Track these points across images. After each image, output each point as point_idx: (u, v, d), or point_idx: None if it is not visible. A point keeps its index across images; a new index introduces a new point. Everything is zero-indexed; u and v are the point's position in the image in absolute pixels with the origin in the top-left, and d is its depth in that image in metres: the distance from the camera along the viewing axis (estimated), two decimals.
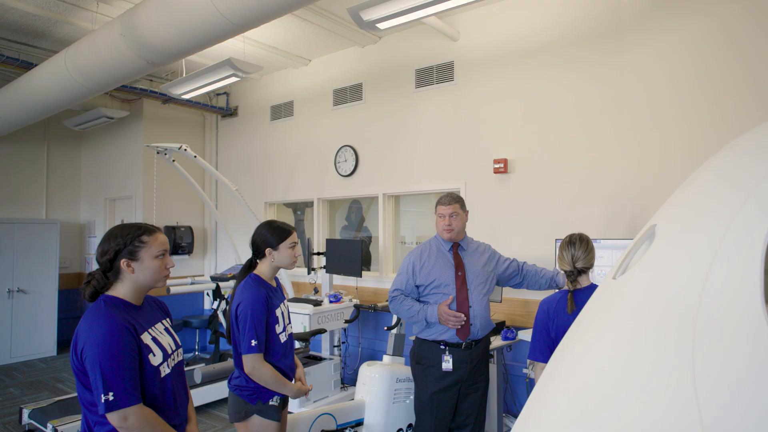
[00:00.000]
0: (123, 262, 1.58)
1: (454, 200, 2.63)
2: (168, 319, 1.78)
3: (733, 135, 2.60)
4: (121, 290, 1.60)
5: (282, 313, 2.18)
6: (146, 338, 1.57)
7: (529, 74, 3.76)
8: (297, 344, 3.36)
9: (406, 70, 4.48)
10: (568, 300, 2.21)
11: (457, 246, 2.69)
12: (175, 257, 5.98)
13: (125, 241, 1.59)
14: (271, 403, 2.11)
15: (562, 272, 2.88)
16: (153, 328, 1.64)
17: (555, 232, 3.43)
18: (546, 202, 3.64)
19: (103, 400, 1.44)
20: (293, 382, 2.22)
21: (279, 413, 2.14)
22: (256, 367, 2.03)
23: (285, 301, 2.26)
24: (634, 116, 3.25)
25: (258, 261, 2.20)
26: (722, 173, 0.96)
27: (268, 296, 2.11)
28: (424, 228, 4.75)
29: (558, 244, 3.23)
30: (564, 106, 3.59)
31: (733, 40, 2.74)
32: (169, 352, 1.66)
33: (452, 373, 2.53)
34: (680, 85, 2.93)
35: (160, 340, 1.63)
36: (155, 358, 1.58)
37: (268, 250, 2.15)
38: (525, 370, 3.53)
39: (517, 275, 2.82)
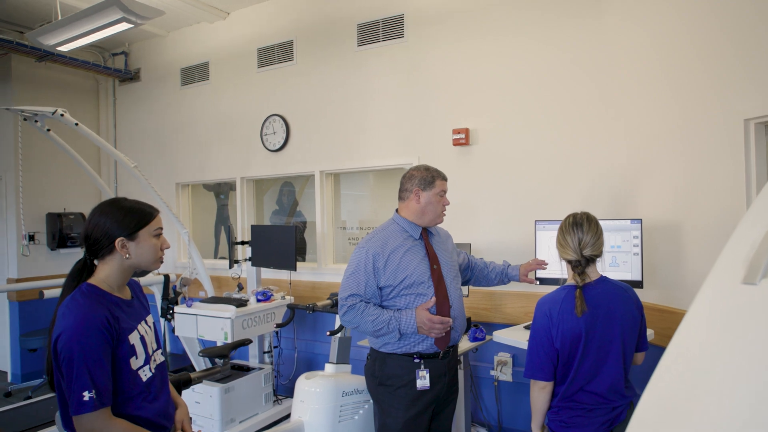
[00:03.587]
0: None
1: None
2: None
3: (723, 104, 2.26)
4: None
5: (142, 339, 1.45)
6: None
7: (493, 32, 3.24)
8: (217, 361, 2.64)
9: (346, 25, 3.83)
10: (576, 298, 1.72)
11: (425, 232, 2.12)
12: (63, 250, 4.92)
13: None
14: None
15: (514, 265, 2.33)
16: None
17: (533, 212, 2.95)
18: (518, 178, 3.15)
19: None
20: (171, 429, 1.52)
21: None
22: (98, 430, 1.30)
23: (149, 317, 1.54)
24: (617, 86, 2.84)
25: (96, 263, 1.46)
26: None
27: (111, 318, 1.37)
28: (366, 211, 4.17)
29: (538, 226, 2.74)
30: (534, 70, 3.11)
31: (721, 7, 2.50)
32: None
33: (428, 390, 1.99)
34: (665, 53, 2.58)
35: None
36: None
37: (119, 242, 1.42)
38: (492, 372, 3.08)
39: (467, 269, 2.35)
